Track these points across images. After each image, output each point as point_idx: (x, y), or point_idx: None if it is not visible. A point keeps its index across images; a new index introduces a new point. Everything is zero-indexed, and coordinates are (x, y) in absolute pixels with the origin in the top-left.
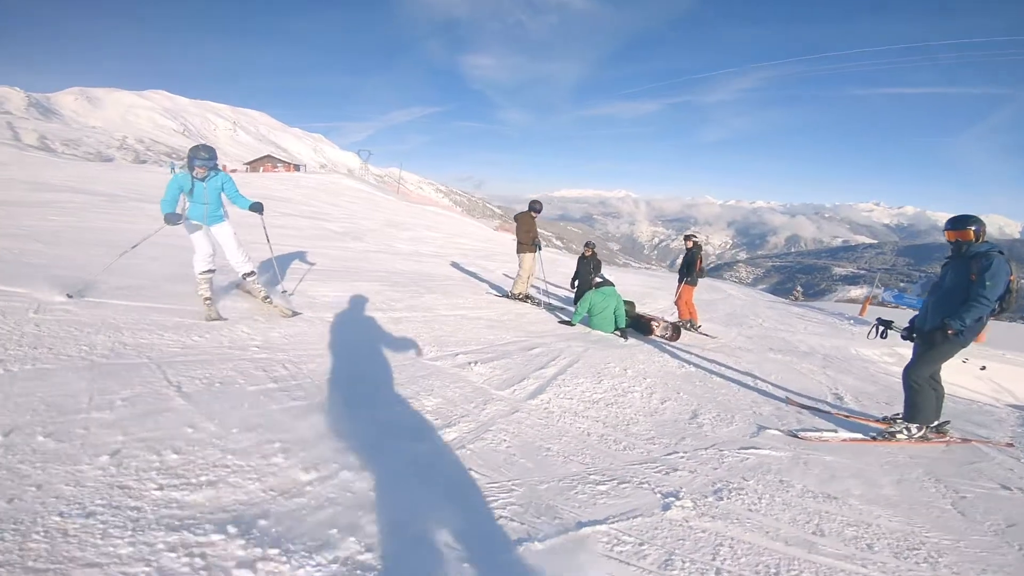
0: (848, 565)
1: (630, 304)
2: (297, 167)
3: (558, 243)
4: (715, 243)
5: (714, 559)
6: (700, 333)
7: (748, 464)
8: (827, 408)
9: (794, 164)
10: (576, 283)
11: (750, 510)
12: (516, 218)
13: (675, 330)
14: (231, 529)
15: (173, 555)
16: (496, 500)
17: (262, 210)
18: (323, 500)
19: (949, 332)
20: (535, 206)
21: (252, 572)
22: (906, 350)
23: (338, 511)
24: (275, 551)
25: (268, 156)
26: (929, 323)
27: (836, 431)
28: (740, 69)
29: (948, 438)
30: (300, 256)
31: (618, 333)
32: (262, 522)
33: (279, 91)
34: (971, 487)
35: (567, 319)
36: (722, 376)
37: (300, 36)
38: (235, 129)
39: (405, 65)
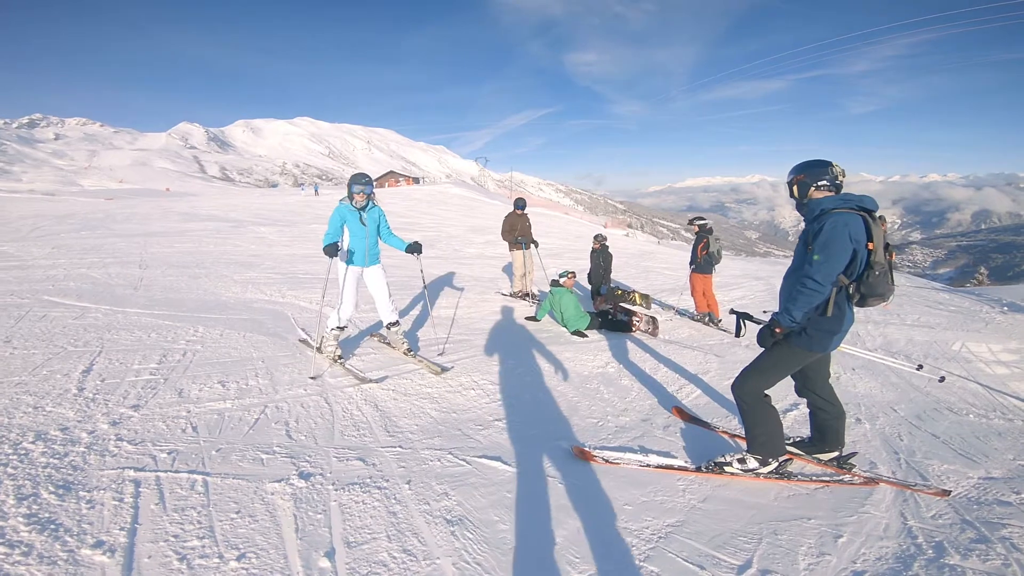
0: None
1: (644, 298)
2: (416, 180)
3: (687, 234)
4: None
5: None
6: (719, 328)
7: (448, 472)
8: (714, 424)
9: (975, 132)
10: (590, 277)
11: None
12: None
13: (653, 323)
14: None
15: None
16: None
17: (420, 250)
18: None
19: (777, 331)
20: (519, 203)
21: None
22: None
23: None
24: None
25: (391, 172)
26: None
27: (647, 455)
28: (875, 31)
29: (840, 477)
30: None
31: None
32: None
33: (403, 108)
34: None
35: (532, 316)
36: (646, 378)
37: (415, 55)
38: (370, 148)
39: (512, 71)
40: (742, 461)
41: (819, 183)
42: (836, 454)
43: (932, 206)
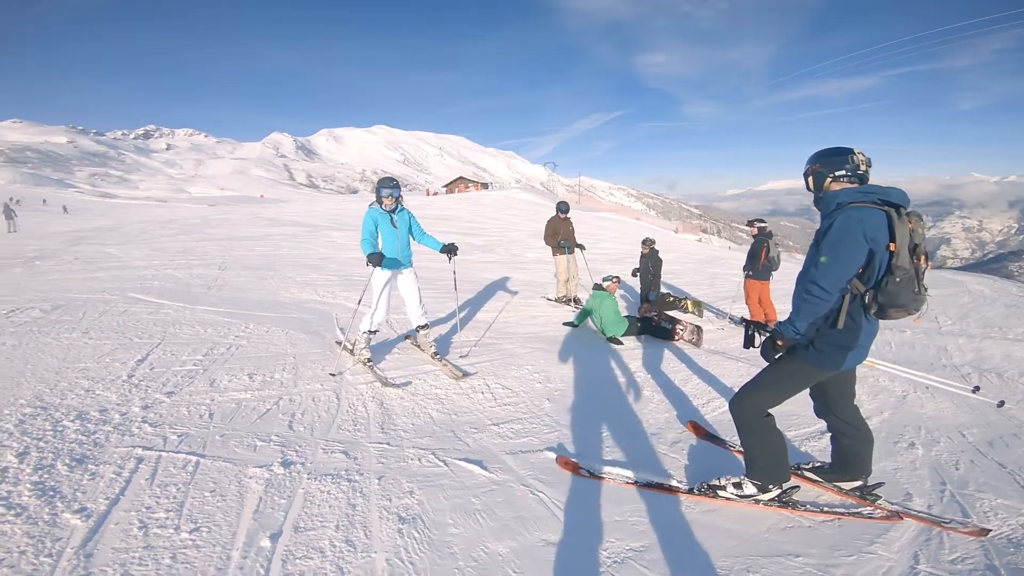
0: None
1: (697, 305)
2: (485, 185)
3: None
4: (993, 228)
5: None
6: None
7: (424, 471)
8: (730, 442)
9: None
10: (636, 275)
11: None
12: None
13: (697, 332)
14: None
15: None
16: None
17: (456, 251)
18: None
19: (779, 343)
20: (561, 207)
21: None
22: None
23: None
24: None
25: (460, 177)
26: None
27: (637, 471)
28: (980, 21)
29: (859, 509)
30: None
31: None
32: None
33: (473, 114)
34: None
35: (571, 321)
36: (672, 390)
37: (484, 61)
38: (441, 154)
39: (580, 74)
40: (738, 486)
41: (836, 173)
42: (860, 483)
43: None
